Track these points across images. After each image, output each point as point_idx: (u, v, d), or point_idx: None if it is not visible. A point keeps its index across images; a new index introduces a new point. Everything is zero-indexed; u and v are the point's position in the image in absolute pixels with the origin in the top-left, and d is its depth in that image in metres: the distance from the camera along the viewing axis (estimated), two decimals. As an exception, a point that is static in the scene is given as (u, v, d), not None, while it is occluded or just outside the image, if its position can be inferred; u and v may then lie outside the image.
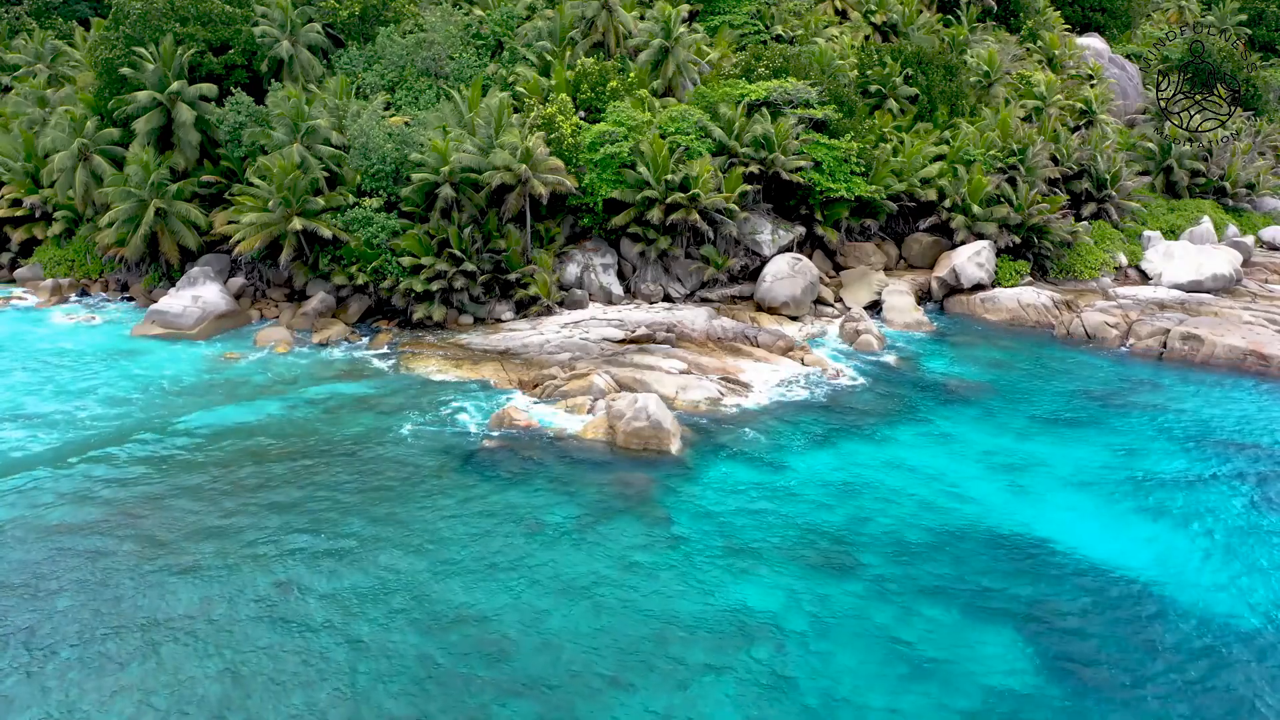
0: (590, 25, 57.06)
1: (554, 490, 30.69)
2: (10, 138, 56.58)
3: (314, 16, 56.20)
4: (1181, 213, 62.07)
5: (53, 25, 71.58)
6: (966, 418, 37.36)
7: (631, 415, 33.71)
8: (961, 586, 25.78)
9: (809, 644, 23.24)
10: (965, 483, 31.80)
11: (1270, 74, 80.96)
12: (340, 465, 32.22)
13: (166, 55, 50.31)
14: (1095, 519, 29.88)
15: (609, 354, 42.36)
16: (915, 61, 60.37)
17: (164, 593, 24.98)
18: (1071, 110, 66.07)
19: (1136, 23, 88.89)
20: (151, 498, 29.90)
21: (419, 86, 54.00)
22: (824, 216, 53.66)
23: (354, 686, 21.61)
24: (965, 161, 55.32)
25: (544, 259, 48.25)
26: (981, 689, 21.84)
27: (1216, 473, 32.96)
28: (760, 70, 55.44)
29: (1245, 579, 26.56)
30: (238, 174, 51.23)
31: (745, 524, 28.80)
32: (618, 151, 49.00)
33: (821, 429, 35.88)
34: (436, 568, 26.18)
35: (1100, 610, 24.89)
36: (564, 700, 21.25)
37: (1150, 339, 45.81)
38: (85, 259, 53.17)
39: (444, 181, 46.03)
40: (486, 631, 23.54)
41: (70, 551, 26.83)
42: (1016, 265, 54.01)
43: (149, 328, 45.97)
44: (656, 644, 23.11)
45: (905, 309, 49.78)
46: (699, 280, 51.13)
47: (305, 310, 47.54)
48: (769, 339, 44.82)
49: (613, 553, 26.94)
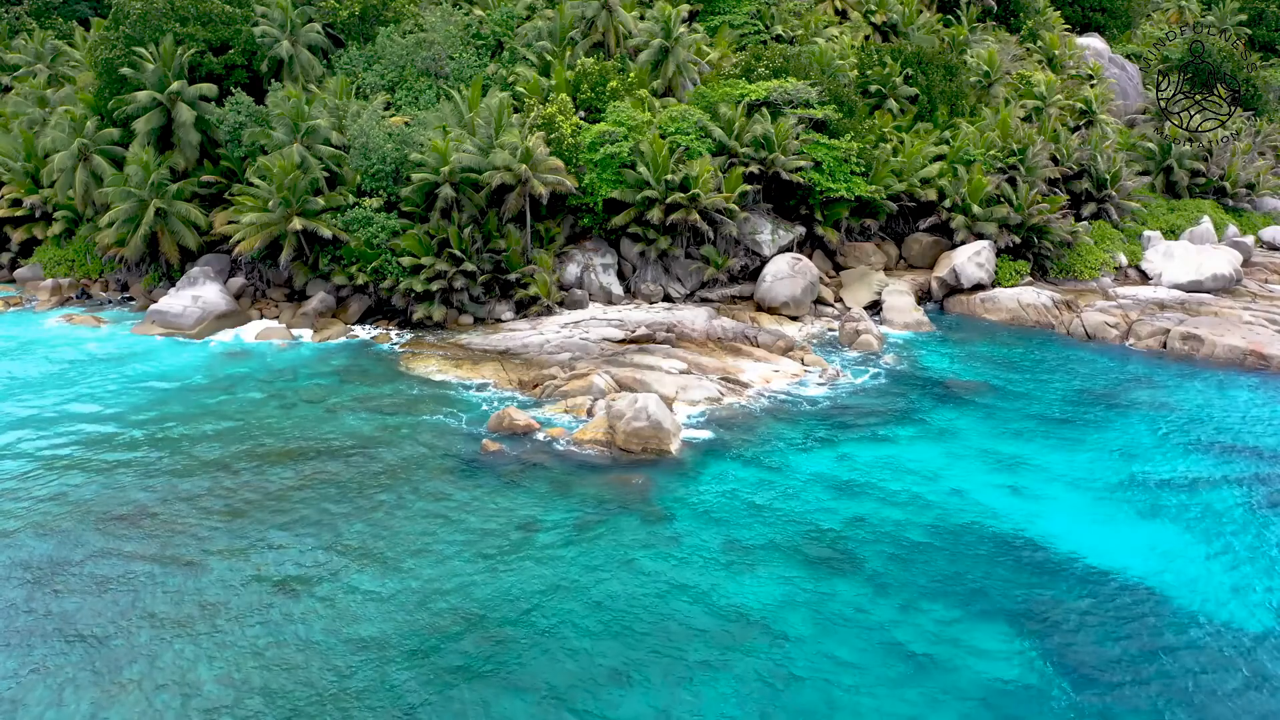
0: (590, 25, 57.08)
1: (554, 490, 30.70)
2: (10, 138, 56.61)
3: (314, 16, 56.25)
4: (1181, 213, 62.06)
5: (53, 25, 71.65)
6: (966, 417, 37.36)
7: (631, 415, 33.70)
8: (961, 586, 25.78)
9: (808, 642, 23.24)
10: (965, 482, 31.79)
11: (1270, 74, 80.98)
12: (339, 465, 32.23)
13: (166, 55, 50.34)
14: (1095, 518, 29.86)
15: (609, 354, 42.36)
16: (915, 61, 60.38)
17: (163, 593, 24.99)
18: (1071, 110, 66.07)
19: (1136, 23, 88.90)
20: (150, 498, 29.91)
21: (419, 86, 54.02)
22: (824, 216, 53.69)
23: (354, 685, 21.62)
24: (965, 161, 55.33)
25: (544, 259, 48.27)
26: (981, 688, 21.83)
27: (1216, 472, 32.94)
28: (760, 70, 55.46)
29: (1245, 579, 26.55)
30: (238, 174, 51.26)
31: (745, 523, 28.81)
32: (618, 151, 49.01)
33: (821, 429, 35.88)
34: (436, 567, 26.19)
35: (1100, 609, 24.87)
36: (563, 698, 21.25)
37: (1150, 339, 45.82)
38: (85, 259, 53.20)
39: (444, 181, 46.05)
40: (486, 630, 23.55)
41: (69, 551, 26.84)
42: (1016, 265, 54.01)
43: (149, 328, 46.03)
44: (656, 642, 23.12)
45: (905, 309, 49.78)
46: (699, 280, 51.14)
47: (305, 310, 47.58)
48: (769, 339, 44.83)
49: (612, 552, 26.95)
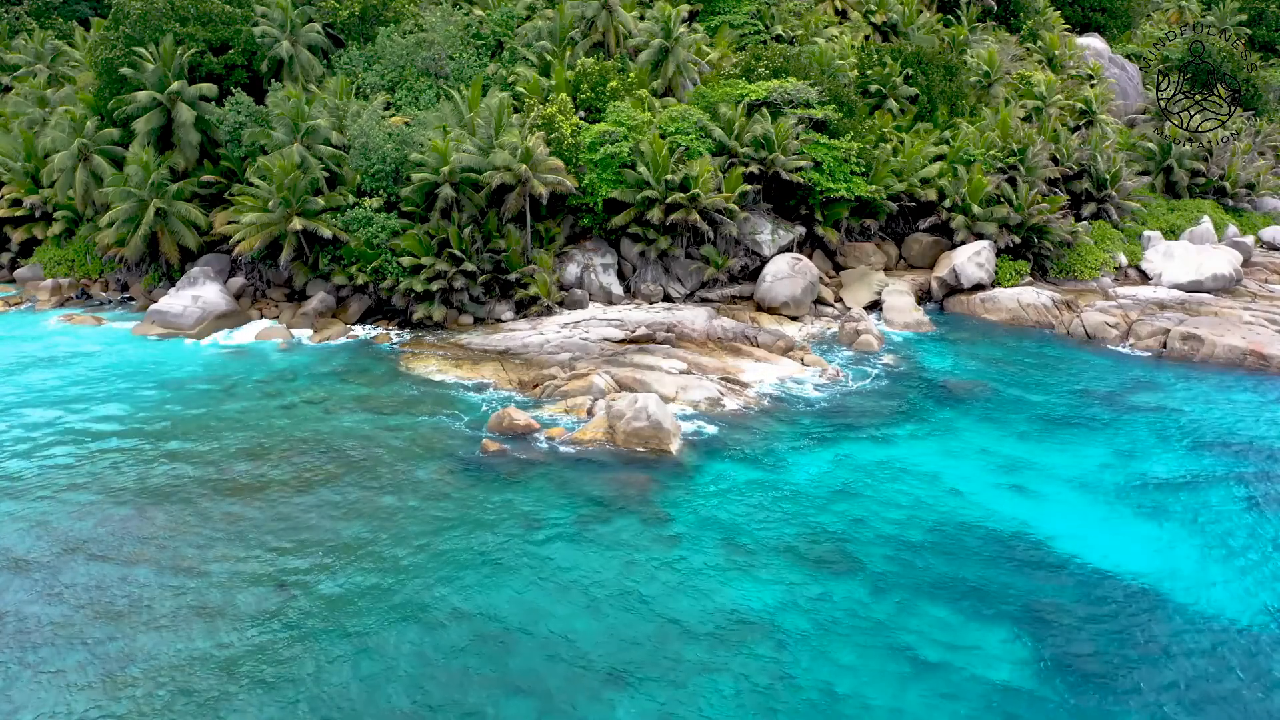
0: (590, 25, 57.07)
1: (553, 490, 30.70)
2: (10, 138, 56.60)
3: (314, 16, 56.24)
4: (1181, 213, 62.05)
5: (53, 25, 71.64)
6: (966, 417, 37.36)
7: (631, 415, 33.70)
8: (961, 586, 25.79)
9: (808, 642, 23.25)
10: (965, 482, 31.81)
11: (1270, 74, 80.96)
12: (339, 465, 32.24)
13: (166, 55, 50.33)
14: (1095, 518, 29.87)
15: (609, 354, 42.36)
16: (915, 61, 60.36)
17: (162, 593, 24.99)
18: (1071, 110, 66.05)
19: (1136, 23, 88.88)
20: (150, 498, 29.92)
21: (419, 86, 54.02)
22: (824, 216, 53.68)
23: (354, 685, 21.62)
24: (965, 161, 55.32)
25: (544, 259, 48.26)
26: (981, 688, 21.84)
27: (1216, 472, 32.95)
28: (760, 70, 55.45)
29: (1245, 578, 26.57)
30: (238, 174, 51.25)
31: (745, 523, 28.81)
32: (618, 151, 49.00)
33: (821, 429, 35.89)
34: (435, 567, 26.19)
35: (1100, 609, 24.88)
36: (563, 698, 21.26)
37: (1150, 339, 45.82)
38: (85, 259, 53.19)
39: (444, 181, 46.04)
40: (486, 630, 23.56)
41: (68, 552, 26.85)
42: (1016, 265, 54.00)
43: (149, 327, 46.03)
44: (656, 642, 23.13)
45: (905, 309, 49.77)
46: (699, 280, 51.13)
47: (305, 310, 47.57)
48: (769, 339, 44.83)
49: (612, 552, 26.96)
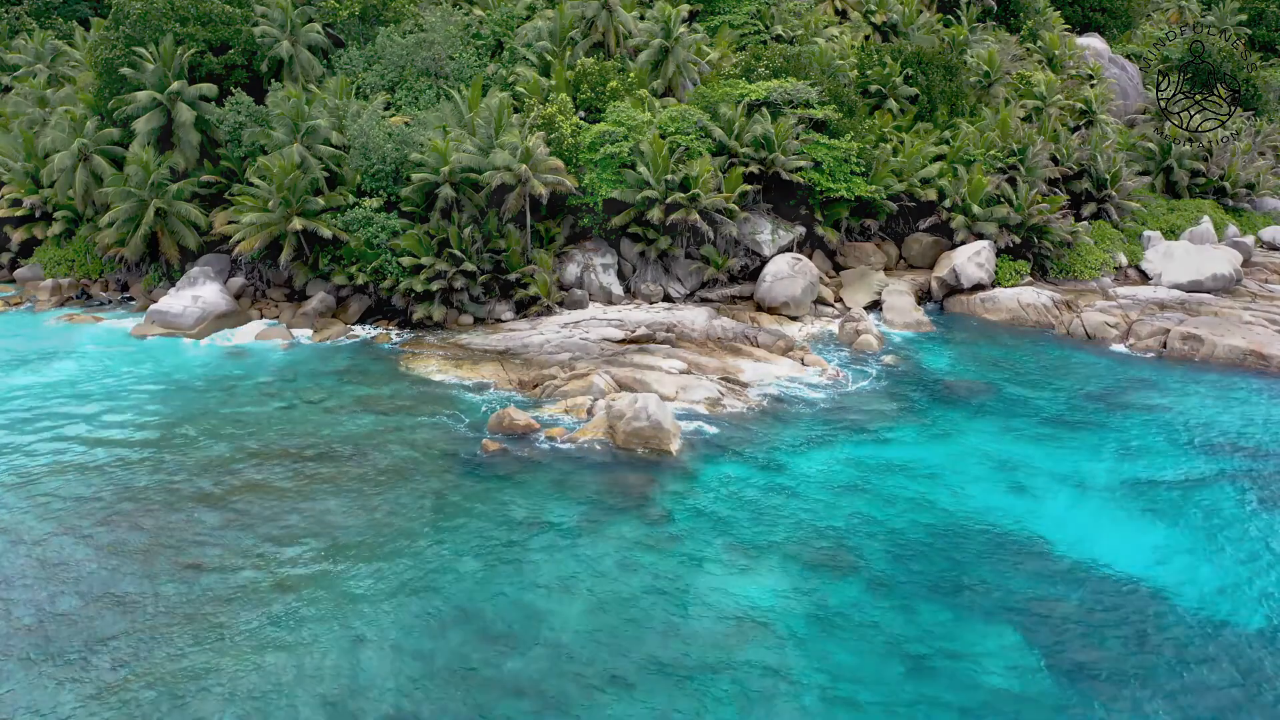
0: (590, 25, 57.05)
1: (554, 490, 30.71)
2: (10, 138, 56.58)
3: (314, 16, 56.22)
4: (1181, 213, 62.04)
5: (53, 25, 71.60)
6: (966, 417, 37.36)
7: (631, 415, 33.70)
8: (961, 585, 25.79)
9: (808, 643, 23.26)
10: (965, 482, 31.81)
11: (1270, 74, 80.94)
12: (339, 465, 32.24)
13: (166, 55, 50.32)
14: (1095, 518, 29.88)
15: (609, 354, 42.36)
16: (915, 61, 60.35)
17: (161, 592, 24.99)
18: (1071, 110, 66.01)
19: (1136, 23, 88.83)
20: (149, 497, 29.92)
21: (419, 86, 54.02)
22: (824, 216, 53.68)
23: (354, 685, 21.62)
24: (965, 161, 55.32)
25: (544, 259, 48.26)
26: (981, 688, 21.85)
27: (1216, 472, 32.95)
28: (760, 70, 55.45)
29: (1245, 578, 26.56)
30: (238, 174, 51.26)
31: (745, 523, 28.82)
32: (618, 151, 49.02)
33: (821, 428, 35.89)
34: (435, 567, 26.19)
35: (1100, 609, 24.89)
36: (563, 699, 21.26)
37: (1150, 339, 45.81)
38: (85, 259, 53.17)
39: (444, 181, 46.05)
40: (486, 630, 23.57)
41: (68, 551, 26.85)
42: (1016, 265, 54.00)
43: (149, 328, 46.03)
44: (656, 643, 23.13)
45: (905, 309, 49.77)
46: (699, 280, 51.14)
47: (305, 310, 47.58)
48: (769, 339, 44.83)
49: (612, 552, 26.96)
